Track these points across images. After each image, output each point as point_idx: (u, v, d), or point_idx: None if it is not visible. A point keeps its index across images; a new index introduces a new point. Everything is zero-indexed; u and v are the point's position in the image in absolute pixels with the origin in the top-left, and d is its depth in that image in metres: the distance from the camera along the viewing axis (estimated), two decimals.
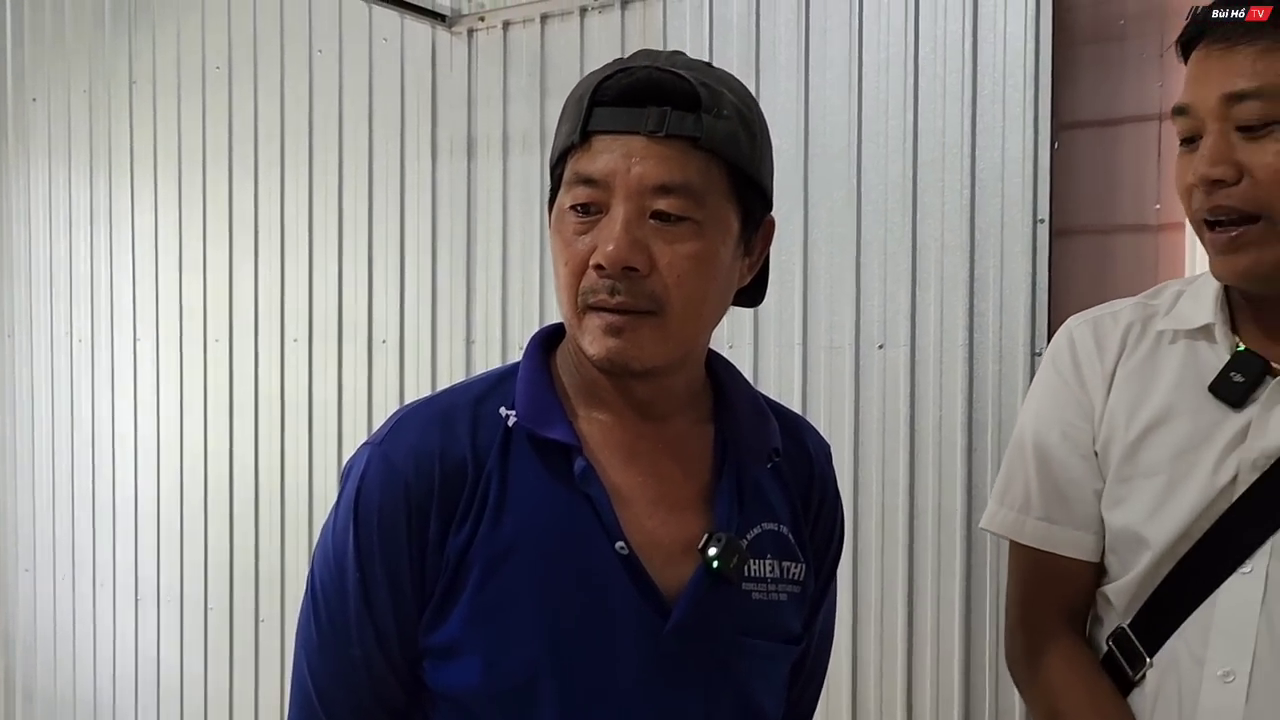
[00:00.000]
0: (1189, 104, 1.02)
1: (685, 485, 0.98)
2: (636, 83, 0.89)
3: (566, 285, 0.92)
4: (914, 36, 2.06)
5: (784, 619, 1.00)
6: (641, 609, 0.92)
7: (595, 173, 0.89)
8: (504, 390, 0.98)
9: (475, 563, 0.92)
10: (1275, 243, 0.99)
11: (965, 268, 2.02)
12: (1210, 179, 0.99)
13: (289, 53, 2.94)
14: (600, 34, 2.45)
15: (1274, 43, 0.96)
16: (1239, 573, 1.02)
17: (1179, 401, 1.08)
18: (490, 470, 0.93)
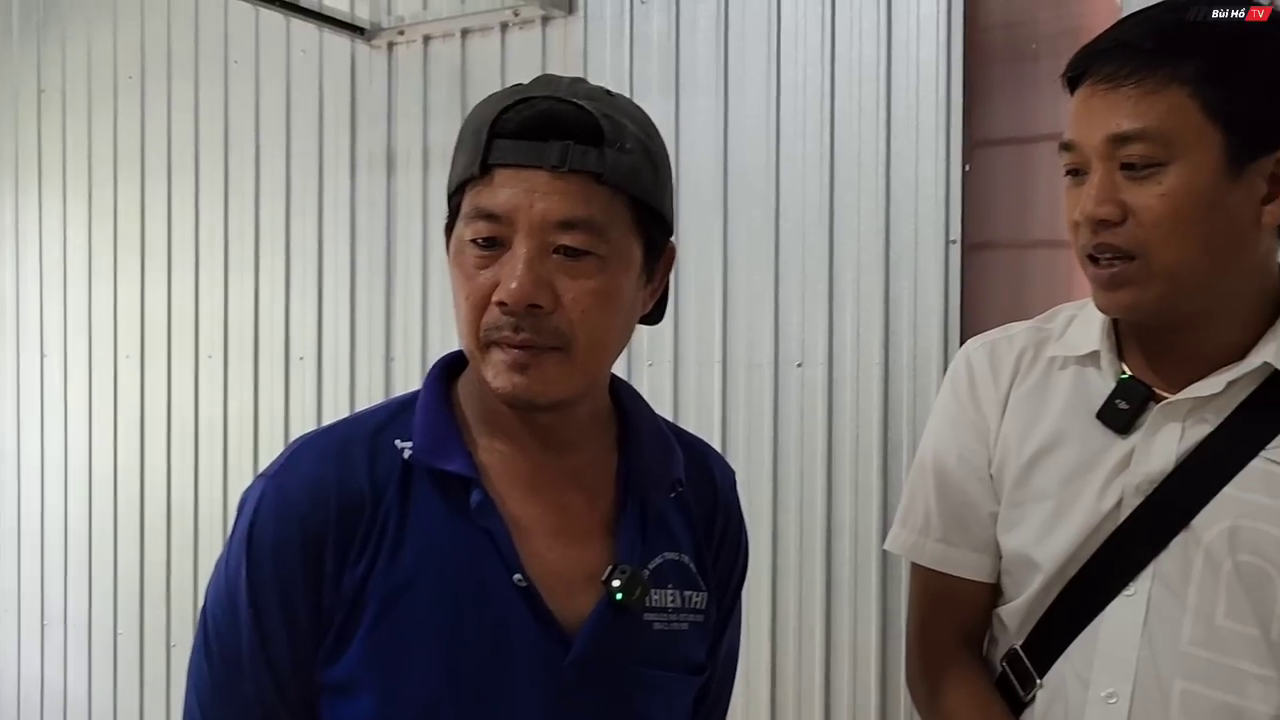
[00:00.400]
0: (1074, 141, 1.03)
1: (588, 515, 0.97)
2: (538, 115, 0.88)
3: (468, 319, 0.90)
4: (830, 58, 2.09)
5: (686, 649, 0.99)
6: (541, 641, 0.91)
7: (497, 208, 0.87)
8: (403, 420, 0.96)
9: (372, 598, 0.90)
10: (1151, 282, 1.00)
11: (881, 287, 2.04)
12: (1096, 218, 1.00)
13: (204, 63, 2.89)
14: (521, 50, 2.44)
15: (1157, 85, 0.98)
16: (1123, 595, 1.04)
17: (1068, 427, 1.10)
18: (389, 503, 0.91)
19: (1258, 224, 1.00)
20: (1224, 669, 1.00)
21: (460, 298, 0.91)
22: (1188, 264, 0.99)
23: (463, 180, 0.90)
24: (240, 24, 2.80)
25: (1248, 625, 0.99)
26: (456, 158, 0.92)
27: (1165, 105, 0.98)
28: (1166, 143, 0.98)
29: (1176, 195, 0.98)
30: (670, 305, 2.19)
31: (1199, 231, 0.98)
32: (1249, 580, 0.99)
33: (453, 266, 0.92)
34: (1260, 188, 1.00)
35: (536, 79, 0.95)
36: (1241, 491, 1.01)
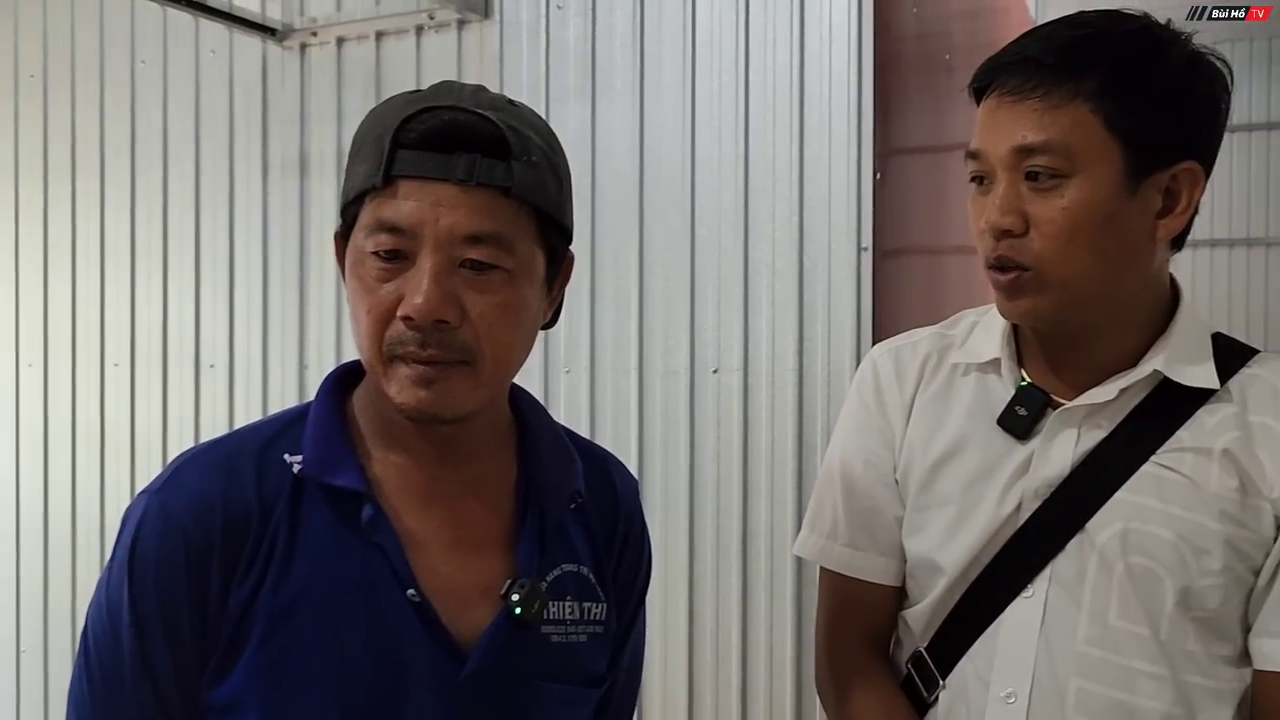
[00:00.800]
0: (980, 150, 1.05)
1: (485, 528, 0.96)
2: (443, 126, 0.86)
3: (370, 333, 0.88)
4: (744, 66, 2.10)
5: (585, 661, 0.99)
6: (435, 657, 0.90)
7: (401, 220, 0.85)
8: (293, 434, 0.93)
9: (260, 616, 0.88)
10: (1047, 291, 1.03)
11: (795, 293, 2.06)
12: (1000, 228, 1.02)
13: (110, 62, 2.80)
14: (436, 53, 2.41)
15: (1061, 99, 1.00)
16: (1021, 597, 1.06)
17: (970, 433, 1.12)
18: (278, 519, 0.89)
19: (1152, 237, 1.03)
20: (1117, 667, 1.02)
21: (361, 310, 0.88)
22: (1082, 275, 1.02)
23: (362, 190, 0.88)
24: (147, 23, 2.73)
25: (1139, 625, 1.02)
26: (354, 166, 0.90)
27: (1069, 119, 1.00)
28: (1069, 156, 1.00)
29: (1077, 208, 1.00)
30: (586, 312, 2.22)
31: (1095, 244, 1.01)
32: (1140, 581, 1.02)
33: (350, 278, 0.90)
34: (1155, 202, 1.02)
35: (436, 86, 0.93)
36: (1133, 495, 1.04)
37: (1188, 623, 1.02)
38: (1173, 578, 1.01)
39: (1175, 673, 1.02)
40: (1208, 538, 1.01)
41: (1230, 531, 1.01)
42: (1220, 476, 1.02)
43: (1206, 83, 1.03)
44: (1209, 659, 1.03)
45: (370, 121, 0.91)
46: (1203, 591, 1.01)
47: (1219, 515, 1.01)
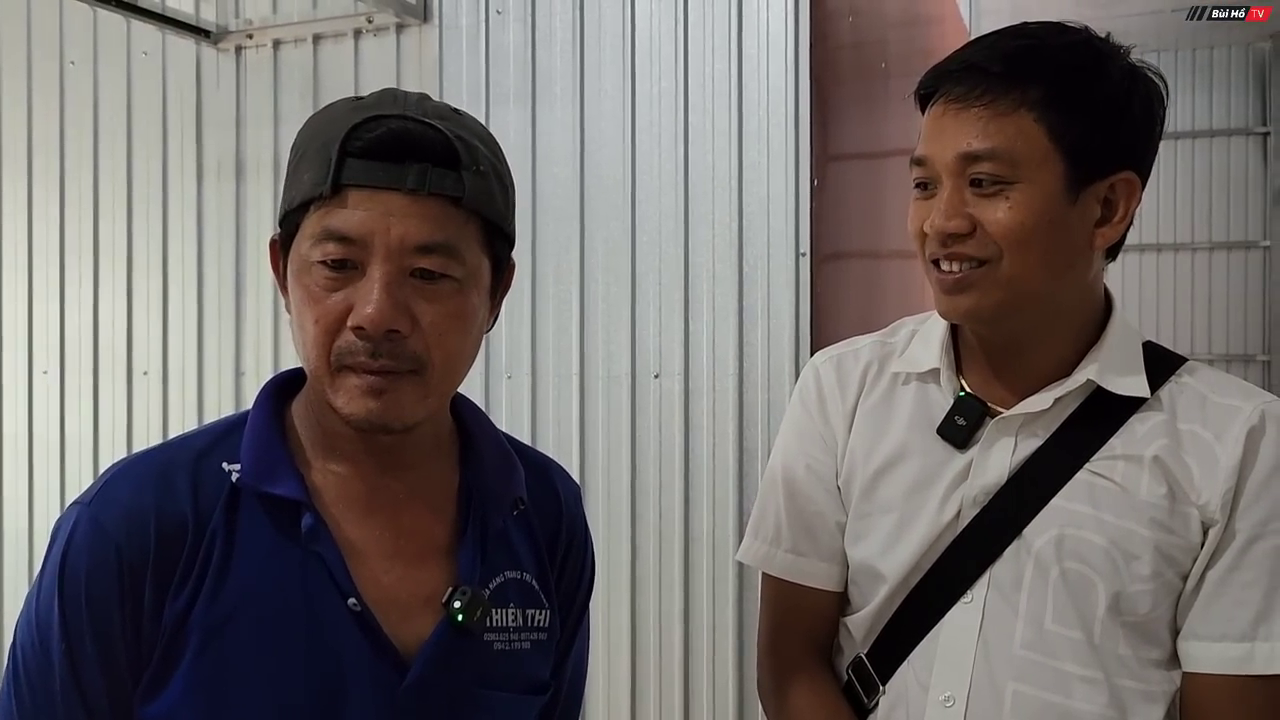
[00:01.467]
0: (925, 156, 1.07)
1: (427, 536, 0.95)
2: (392, 135, 0.85)
3: (317, 342, 0.86)
4: (684, 72, 2.12)
5: (528, 668, 0.98)
6: (376, 667, 0.89)
7: (351, 230, 0.84)
8: (230, 443, 0.92)
9: (195, 629, 0.86)
10: (995, 287, 1.04)
11: (735, 298, 2.08)
12: (946, 231, 1.04)
13: (37, 62, 2.74)
14: (374, 57, 2.40)
15: (1007, 108, 1.02)
16: (961, 603, 1.08)
17: (911, 441, 1.13)
18: (214, 530, 0.88)
19: (1090, 245, 1.06)
20: (1052, 671, 1.04)
21: (307, 320, 0.87)
22: (1028, 276, 1.03)
23: (308, 199, 0.86)
24: (77, 23, 2.67)
25: (1072, 629, 1.04)
26: (297, 174, 0.88)
27: (1014, 128, 1.02)
28: (1013, 163, 1.02)
29: (1021, 212, 1.02)
30: (527, 317, 2.22)
31: (1040, 247, 1.03)
32: (1074, 586, 1.04)
33: (294, 286, 0.89)
34: (1094, 211, 1.05)
35: (380, 94, 0.92)
36: (1067, 502, 1.06)
37: (1119, 627, 1.04)
38: (1105, 583, 1.03)
39: (1108, 676, 1.04)
40: (1138, 544, 1.03)
41: (1160, 538, 1.03)
42: (1150, 484, 1.04)
43: (1144, 95, 1.06)
44: (1139, 663, 1.05)
45: (312, 128, 0.90)
46: (1133, 596, 1.03)
47: (1149, 522, 1.03)
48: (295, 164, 0.89)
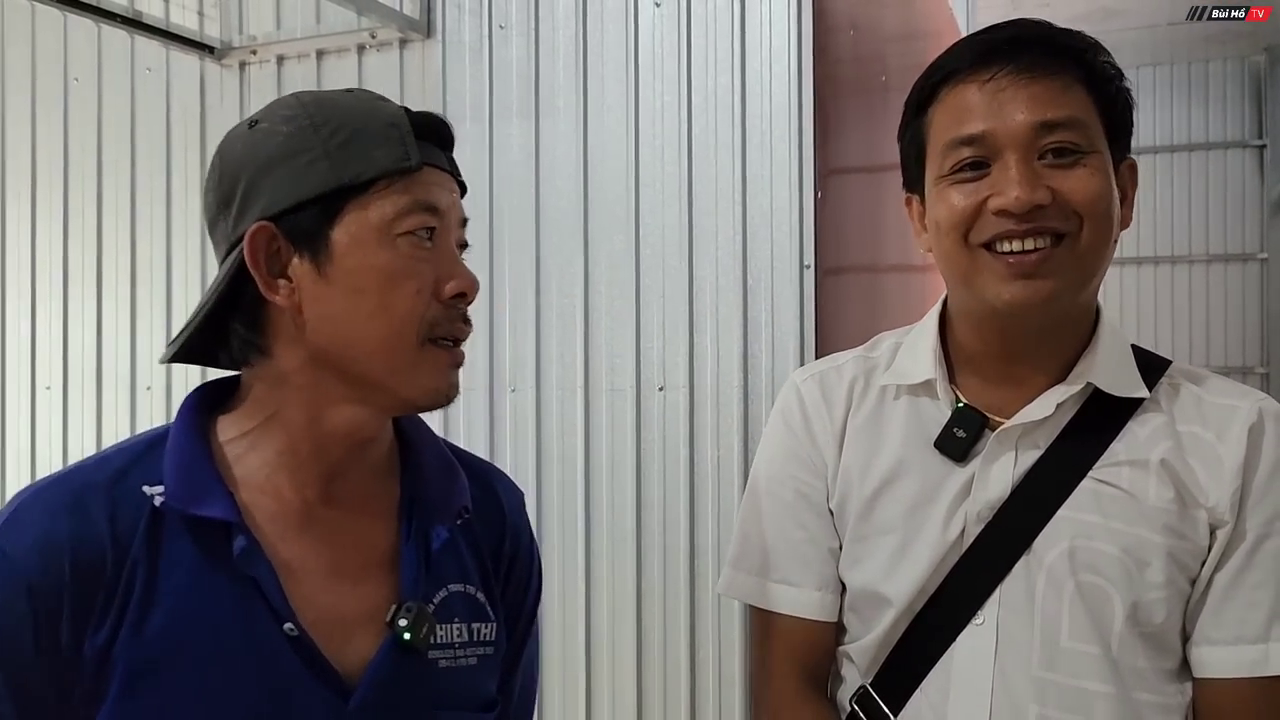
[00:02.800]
0: (986, 131, 1.00)
1: (368, 551, 0.91)
2: (440, 123, 0.92)
3: (411, 314, 0.87)
4: (687, 87, 2.13)
5: (475, 685, 0.95)
6: (319, 693, 0.85)
7: (439, 203, 0.89)
8: (150, 462, 0.86)
9: (119, 665, 0.81)
10: (1073, 267, 1.00)
11: (739, 311, 2.08)
12: (1034, 203, 0.97)
13: (42, 79, 2.74)
14: (378, 72, 2.40)
15: (1071, 81, 1.01)
16: (972, 624, 1.04)
17: (908, 458, 1.09)
18: (135, 558, 0.82)
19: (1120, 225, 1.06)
20: (1072, 690, 1.01)
21: (397, 295, 0.86)
22: (1101, 250, 1.02)
23: (389, 171, 0.87)
24: (80, 39, 2.68)
25: (1090, 644, 1.01)
26: (353, 151, 0.86)
27: (1078, 99, 1.01)
28: (1086, 134, 1.01)
29: (1099, 178, 1.00)
30: (532, 331, 2.22)
31: (1111, 222, 1.02)
32: (1090, 599, 1.01)
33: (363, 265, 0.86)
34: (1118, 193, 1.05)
35: (359, 90, 0.94)
36: (1076, 512, 1.03)
37: (1137, 639, 1.02)
38: (1120, 594, 1.01)
39: (1126, 690, 1.01)
40: (1149, 550, 1.01)
41: (1171, 544, 1.02)
42: (1158, 489, 1.02)
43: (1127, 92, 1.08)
44: (1156, 675, 1.03)
45: (348, 112, 0.89)
46: (1149, 605, 1.01)
47: (1161, 528, 1.02)
48: (343, 142, 0.86)
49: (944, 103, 1.05)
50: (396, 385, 0.88)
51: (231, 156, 0.90)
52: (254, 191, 0.87)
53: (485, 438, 2.28)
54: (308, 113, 0.89)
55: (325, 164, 0.86)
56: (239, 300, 0.89)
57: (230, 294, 0.88)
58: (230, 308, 0.89)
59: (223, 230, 0.90)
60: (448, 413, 2.31)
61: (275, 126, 0.89)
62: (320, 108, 0.89)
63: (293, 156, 0.87)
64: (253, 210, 0.87)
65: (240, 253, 0.86)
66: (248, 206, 0.87)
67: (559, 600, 2.21)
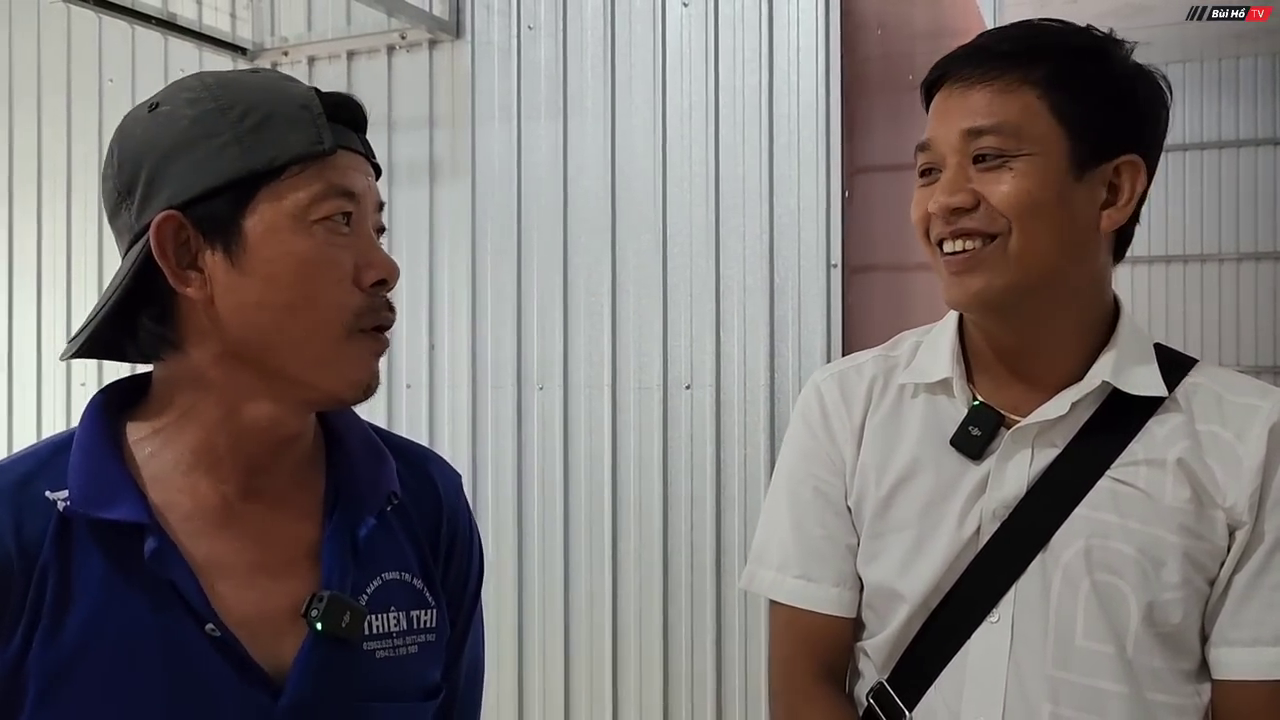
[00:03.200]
0: (930, 139, 1.06)
1: (292, 545, 0.88)
2: (349, 104, 0.88)
3: (337, 302, 0.83)
4: (714, 86, 2.13)
5: (417, 673, 0.92)
6: (245, 694, 0.82)
7: (354, 187, 0.85)
8: (55, 467, 0.83)
9: (32, 676, 0.78)
10: (1005, 266, 1.02)
11: (766, 310, 2.09)
12: (950, 207, 1.02)
13: (76, 80, 2.79)
14: (407, 73, 2.42)
15: (1010, 84, 1.02)
16: (987, 622, 1.05)
17: (924, 455, 1.09)
18: (44, 565, 0.79)
19: (1097, 227, 1.05)
20: (1086, 689, 1.02)
21: (319, 284, 0.83)
22: (1039, 251, 1.02)
23: (302, 155, 0.83)
24: (115, 41, 2.72)
25: (1104, 644, 1.02)
26: (265, 135, 0.83)
27: (1018, 104, 1.02)
28: (1018, 137, 1.01)
29: (1026, 183, 1.01)
30: (559, 329, 2.24)
31: (1049, 221, 1.02)
32: (1105, 598, 1.02)
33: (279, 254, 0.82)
34: (1100, 193, 1.04)
35: (268, 72, 0.91)
36: (1092, 511, 1.03)
37: (1153, 639, 1.02)
38: (1136, 593, 1.01)
39: (1140, 691, 1.01)
40: (1166, 550, 1.01)
41: (1188, 544, 1.01)
42: (1175, 488, 1.02)
43: (1149, 86, 1.07)
44: (1172, 675, 1.03)
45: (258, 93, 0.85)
46: (1165, 605, 1.01)
47: (1177, 528, 1.02)
48: (255, 125, 0.83)
49: None
50: (318, 379, 0.85)
51: (131, 141, 0.85)
52: (158, 179, 0.83)
53: (513, 436, 2.30)
54: (213, 95, 0.84)
55: (235, 149, 0.82)
56: (146, 293, 0.84)
57: (136, 286, 0.84)
58: (137, 301, 0.84)
59: (125, 220, 0.85)
60: (475, 411, 2.33)
61: (179, 110, 0.84)
62: (226, 89, 0.85)
63: (199, 141, 0.82)
64: (158, 199, 0.83)
65: (146, 243, 0.82)
66: (152, 195, 0.83)
67: (585, 599, 2.23)
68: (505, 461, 2.31)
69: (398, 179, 2.42)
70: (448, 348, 2.37)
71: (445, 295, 2.38)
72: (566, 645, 2.25)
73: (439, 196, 2.38)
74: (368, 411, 0.94)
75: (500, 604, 2.29)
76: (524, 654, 2.29)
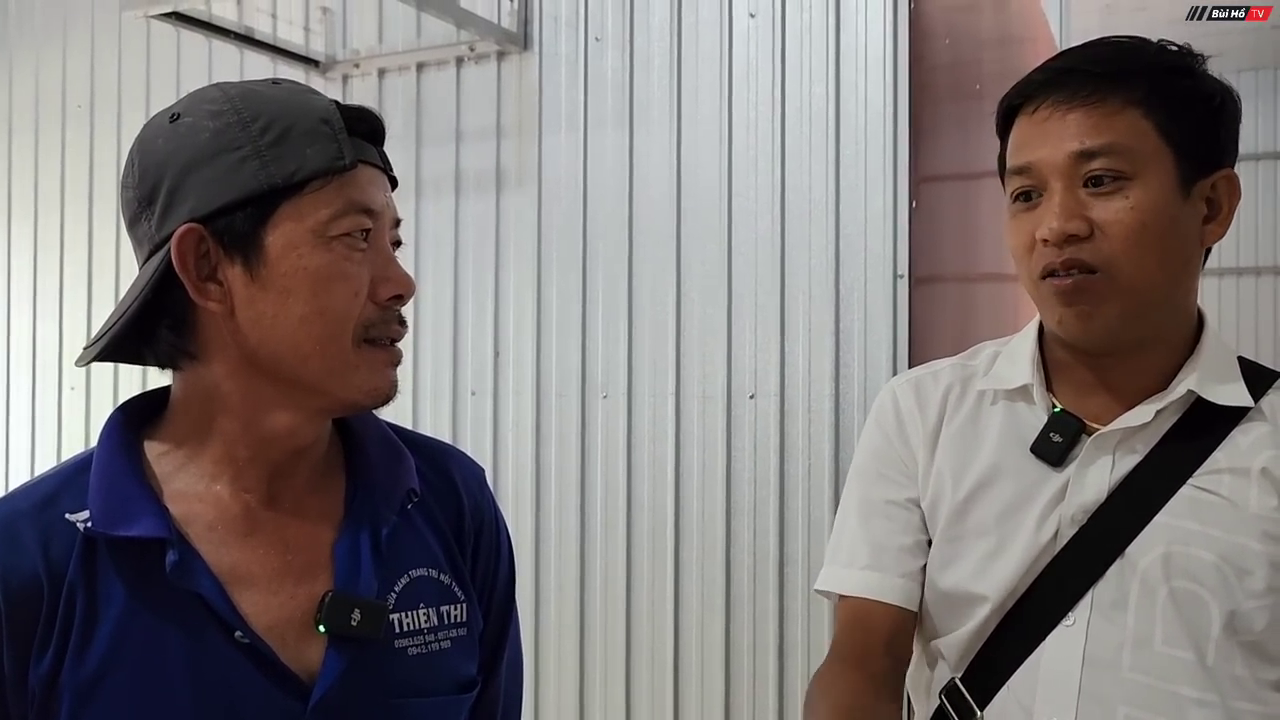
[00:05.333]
0: (1030, 163, 1.04)
1: (315, 549, 0.89)
2: (369, 118, 0.88)
3: (347, 316, 0.84)
4: (780, 97, 2.13)
5: (452, 667, 0.92)
6: (275, 698, 0.83)
7: (373, 204, 0.85)
8: (77, 487, 0.84)
9: (65, 692, 0.79)
10: (1113, 296, 1.02)
11: (831, 320, 2.08)
12: (1066, 233, 1.01)
13: (155, 92, 2.87)
14: (476, 84, 2.46)
15: (1116, 105, 1.01)
16: (1062, 625, 1.04)
17: (1003, 462, 1.09)
18: (72, 584, 0.81)
19: (1200, 243, 1.05)
20: (1164, 694, 1.01)
21: (334, 298, 0.83)
22: (1149, 280, 1.02)
23: (322, 172, 0.83)
24: (193, 55, 2.80)
25: (1184, 650, 1.01)
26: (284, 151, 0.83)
27: (1125, 124, 1.01)
28: (1130, 159, 1.01)
29: (1143, 209, 1.00)
30: (624, 337, 2.25)
31: (1161, 247, 1.01)
32: (1184, 605, 1.01)
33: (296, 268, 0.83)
34: (1202, 209, 1.04)
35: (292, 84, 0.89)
36: (1173, 519, 1.03)
37: (1235, 647, 1.00)
38: (1217, 601, 1.00)
39: (1224, 699, 1.00)
40: (1250, 558, 1.00)
41: (1274, 551, 1.00)
42: (1260, 496, 1.01)
43: (1233, 100, 1.06)
44: (1256, 684, 1.01)
45: (277, 107, 0.84)
46: (1249, 614, 1.00)
47: (1261, 536, 1.00)
48: (274, 140, 0.83)
49: (1012, 134, 1.09)
50: (334, 387, 0.85)
51: (152, 152, 0.84)
52: (179, 191, 0.82)
53: (577, 443, 2.31)
54: (234, 107, 0.84)
55: (256, 163, 0.82)
56: (164, 303, 0.84)
57: (154, 297, 0.84)
58: (155, 311, 0.85)
59: (144, 230, 0.85)
60: (540, 418, 2.35)
61: (200, 121, 0.83)
62: (247, 101, 0.84)
63: (220, 154, 0.82)
64: (178, 211, 0.82)
65: (166, 254, 0.82)
66: (173, 206, 0.82)
67: (648, 609, 2.23)
68: (569, 469, 2.32)
69: (465, 189, 2.45)
70: (513, 355, 2.39)
71: (511, 303, 2.40)
72: (628, 655, 2.25)
73: (505, 206, 2.40)
74: (432, 417, 0.95)
75: (561, 613, 2.30)
76: (585, 663, 2.30)
